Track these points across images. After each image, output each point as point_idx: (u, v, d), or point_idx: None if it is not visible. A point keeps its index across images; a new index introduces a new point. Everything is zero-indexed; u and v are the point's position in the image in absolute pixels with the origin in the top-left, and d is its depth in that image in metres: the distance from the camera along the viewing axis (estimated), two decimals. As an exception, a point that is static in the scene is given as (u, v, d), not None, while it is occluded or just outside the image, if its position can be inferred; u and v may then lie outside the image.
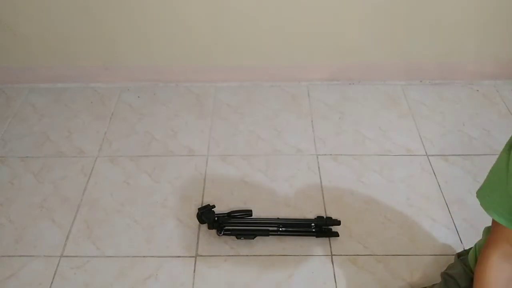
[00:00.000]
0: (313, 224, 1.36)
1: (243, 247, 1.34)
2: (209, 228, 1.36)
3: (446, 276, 1.03)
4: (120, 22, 1.73)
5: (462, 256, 1.02)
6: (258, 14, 1.71)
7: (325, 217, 1.38)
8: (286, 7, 1.68)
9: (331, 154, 1.63)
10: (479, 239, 0.96)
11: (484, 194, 0.73)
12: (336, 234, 1.35)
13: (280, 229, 1.35)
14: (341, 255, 1.32)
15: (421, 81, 1.95)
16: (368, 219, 1.41)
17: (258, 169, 1.58)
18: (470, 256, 0.93)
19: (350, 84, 1.95)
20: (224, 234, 1.34)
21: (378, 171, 1.57)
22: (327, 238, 1.35)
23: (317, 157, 1.62)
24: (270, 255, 1.32)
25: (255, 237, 1.34)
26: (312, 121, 1.77)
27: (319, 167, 1.58)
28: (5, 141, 1.70)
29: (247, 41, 1.80)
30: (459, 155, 1.62)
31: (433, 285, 1.10)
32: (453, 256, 1.11)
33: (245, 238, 1.34)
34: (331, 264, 1.30)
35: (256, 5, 1.67)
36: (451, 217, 1.41)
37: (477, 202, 0.78)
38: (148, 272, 1.29)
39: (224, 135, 1.71)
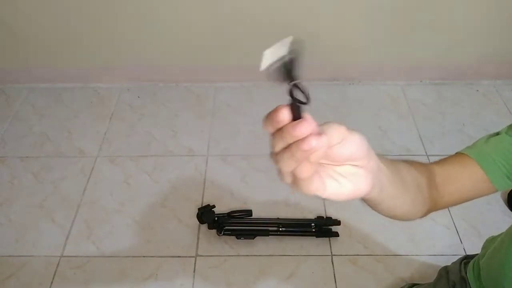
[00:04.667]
0: (313, 224, 1.36)
1: (243, 247, 1.34)
2: (209, 228, 1.36)
3: (443, 271, 1.02)
4: (120, 22, 1.73)
5: (465, 259, 0.99)
6: (258, 14, 1.71)
7: (325, 217, 1.38)
8: (286, 7, 1.68)
9: (331, 154, 1.63)
10: (479, 239, 0.95)
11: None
12: (336, 234, 1.35)
13: (280, 229, 1.34)
14: (341, 255, 1.32)
15: (421, 81, 1.95)
16: (368, 219, 1.41)
17: (258, 169, 1.57)
18: (469, 269, 0.92)
19: (350, 84, 1.95)
20: (224, 234, 1.34)
21: (378, 171, 1.56)
22: (327, 238, 1.35)
23: (317, 157, 1.62)
24: (270, 255, 1.32)
25: (255, 237, 1.34)
26: (312, 121, 1.77)
27: (319, 167, 1.58)
28: (5, 141, 1.70)
29: (247, 41, 1.80)
30: (459, 155, 1.62)
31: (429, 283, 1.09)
32: (453, 256, 1.10)
33: (245, 238, 1.34)
34: (331, 264, 1.30)
35: (256, 5, 1.67)
36: (451, 217, 1.41)
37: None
38: (148, 272, 1.29)
39: (224, 135, 1.71)
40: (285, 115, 0.37)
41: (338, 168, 0.41)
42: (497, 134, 0.64)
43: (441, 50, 1.84)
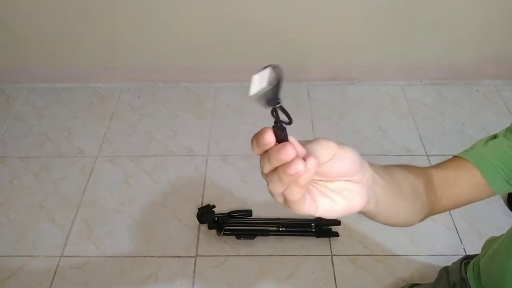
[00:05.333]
0: (313, 224, 1.35)
1: (243, 247, 1.34)
2: (209, 228, 1.36)
3: (443, 271, 1.01)
4: (120, 22, 1.73)
5: (466, 260, 0.99)
6: (258, 14, 1.71)
7: (325, 217, 1.38)
8: (286, 8, 1.68)
9: (331, 154, 1.63)
10: (479, 239, 0.95)
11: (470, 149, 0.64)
12: (336, 234, 1.35)
13: (280, 229, 1.34)
14: (341, 255, 1.32)
15: (421, 81, 1.95)
16: (368, 219, 1.41)
17: (258, 169, 1.56)
18: (469, 269, 0.91)
19: (350, 84, 1.95)
20: (224, 234, 1.34)
21: (378, 171, 1.56)
22: (327, 238, 1.35)
23: (317, 157, 1.62)
24: (270, 255, 1.32)
25: (255, 237, 1.34)
26: (312, 121, 1.77)
27: (319, 167, 1.58)
28: (5, 141, 1.70)
29: (247, 41, 1.80)
30: (459, 155, 1.62)
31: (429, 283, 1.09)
32: (453, 256, 1.10)
33: (245, 238, 1.34)
34: (331, 264, 1.30)
35: (256, 5, 1.67)
36: (451, 217, 1.41)
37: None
38: (148, 272, 1.29)
39: (224, 135, 1.71)
40: (269, 137, 0.37)
41: (330, 185, 0.39)
42: (495, 137, 0.63)
43: (441, 50, 1.84)
